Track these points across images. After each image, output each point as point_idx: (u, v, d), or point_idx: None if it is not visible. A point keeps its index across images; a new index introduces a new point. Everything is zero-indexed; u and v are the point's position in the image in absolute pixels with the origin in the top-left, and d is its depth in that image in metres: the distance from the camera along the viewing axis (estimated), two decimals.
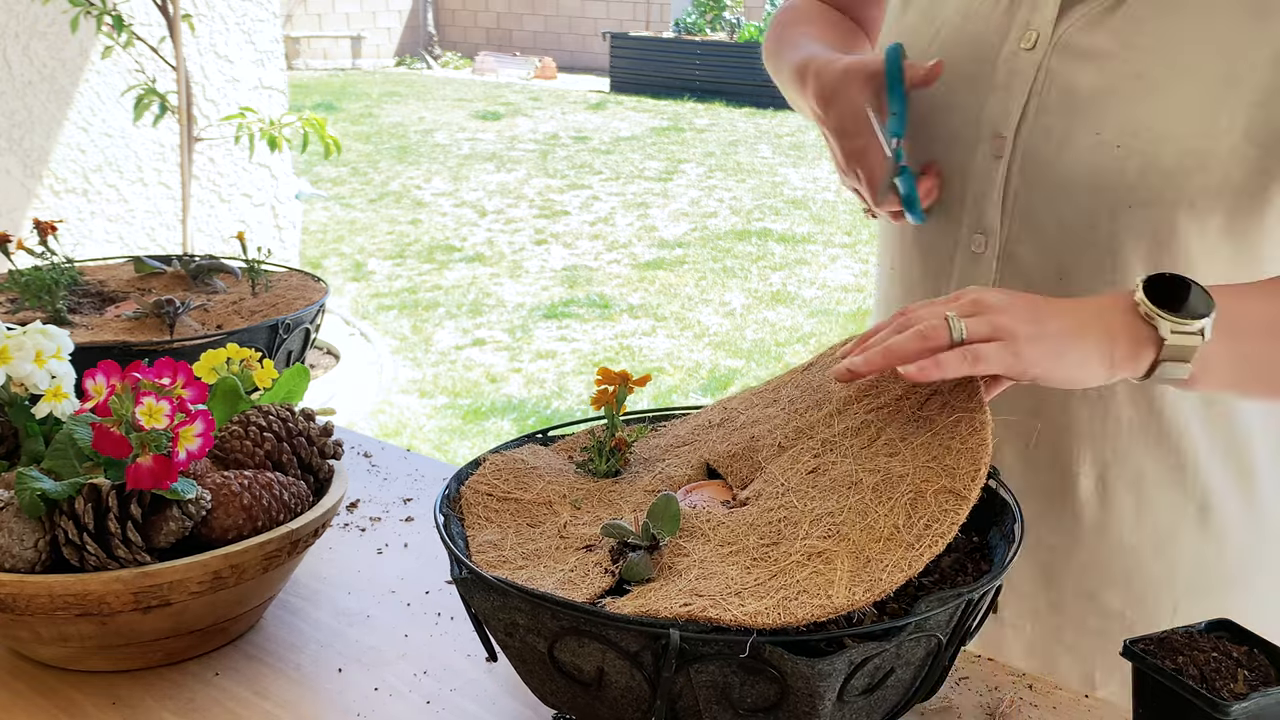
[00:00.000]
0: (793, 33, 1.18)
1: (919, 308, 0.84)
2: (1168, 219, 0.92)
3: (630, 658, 0.68)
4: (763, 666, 0.67)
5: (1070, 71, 0.95)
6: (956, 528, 0.72)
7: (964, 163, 1.01)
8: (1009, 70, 0.98)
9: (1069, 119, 0.95)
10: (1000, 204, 1.00)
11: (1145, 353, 0.82)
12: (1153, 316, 0.82)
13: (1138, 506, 1.02)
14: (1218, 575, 1.05)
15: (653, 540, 0.77)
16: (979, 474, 0.75)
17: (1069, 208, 0.95)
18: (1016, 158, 0.98)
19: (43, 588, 0.85)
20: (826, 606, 0.68)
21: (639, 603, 0.71)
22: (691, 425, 0.99)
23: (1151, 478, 1.01)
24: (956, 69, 1.01)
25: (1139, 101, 0.92)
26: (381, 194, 7.64)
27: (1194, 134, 0.90)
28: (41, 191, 3.21)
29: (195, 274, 1.48)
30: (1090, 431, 1.01)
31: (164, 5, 2.75)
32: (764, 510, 0.81)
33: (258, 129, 2.83)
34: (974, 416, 0.79)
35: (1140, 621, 1.05)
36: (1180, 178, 0.90)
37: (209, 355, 1.08)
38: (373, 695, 0.91)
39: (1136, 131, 0.91)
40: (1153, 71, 0.92)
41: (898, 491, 0.76)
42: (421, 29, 14.71)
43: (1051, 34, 0.97)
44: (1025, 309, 0.82)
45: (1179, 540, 1.03)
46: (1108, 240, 0.95)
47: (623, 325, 5.19)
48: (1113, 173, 0.92)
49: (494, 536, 0.84)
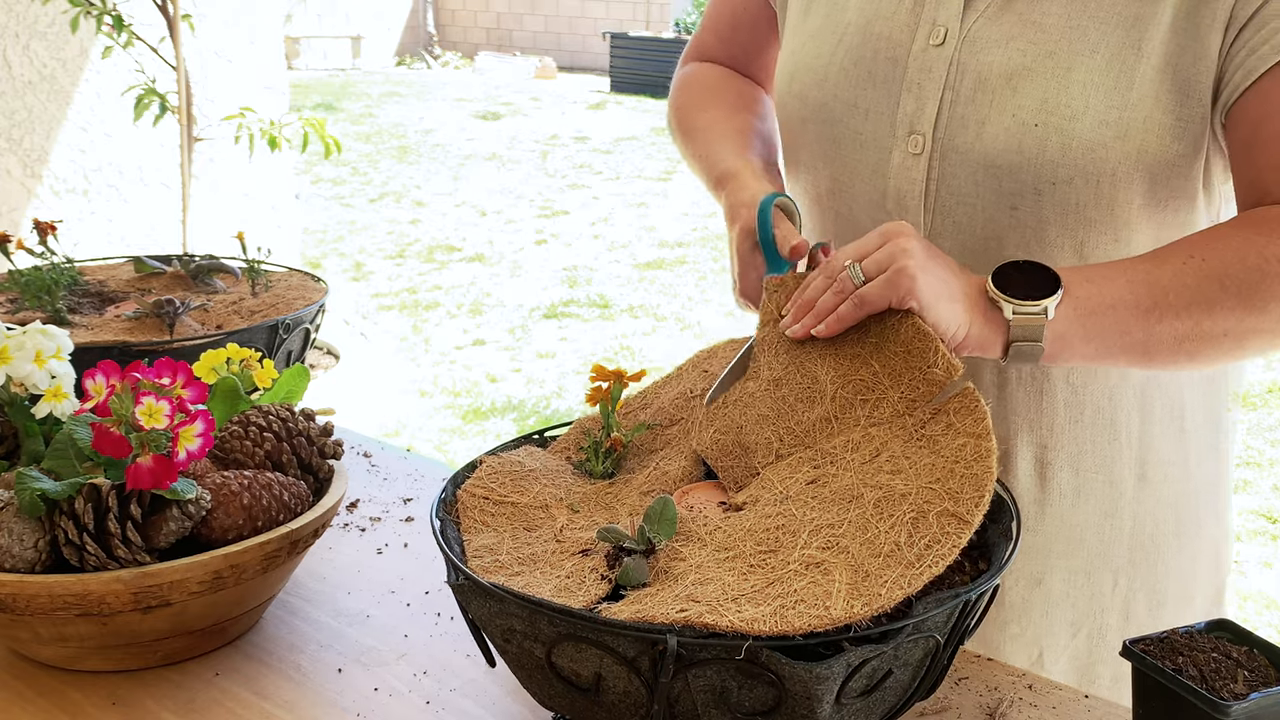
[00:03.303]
0: (696, 119, 1.21)
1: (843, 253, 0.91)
2: (1091, 192, 0.95)
3: (628, 663, 0.68)
4: (760, 670, 0.67)
5: (981, 60, 0.97)
6: (957, 550, 0.72)
7: (881, 163, 1.03)
8: (920, 68, 1.00)
9: (985, 106, 0.97)
10: (922, 200, 1.01)
11: (997, 332, 0.89)
12: (997, 300, 0.88)
13: (1076, 483, 1.05)
14: (1155, 541, 1.08)
15: (649, 544, 0.77)
16: (983, 500, 0.75)
17: (991, 191, 0.98)
18: (936, 151, 1.00)
19: (43, 588, 0.85)
20: (824, 618, 0.68)
21: (636, 608, 0.71)
22: (674, 393, 0.99)
23: (1090, 452, 1.05)
24: (866, 72, 1.03)
25: (1052, 79, 0.94)
26: (381, 194, 7.64)
27: (1107, 105, 0.93)
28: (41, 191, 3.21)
29: (195, 274, 1.48)
30: (1027, 413, 1.04)
31: (164, 5, 2.75)
32: (762, 517, 0.81)
33: (258, 129, 2.82)
34: (980, 443, 0.80)
35: (1084, 601, 1.07)
36: (1099, 150, 0.93)
37: (209, 355, 1.08)
38: (373, 695, 0.91)
39: (1053, 109, 0.94)
40: (1062, 49, 0.94)
41: (899, 509, 0.77)
42: (421, 29, 14.71)
43: (959, 27, 0.99)
44: (924, 251, 0.88)
45: (1119, 510, 1.06)
46: (1033, 221, 0.97)
47: (622, 325, 5.18)
48: (1033, 151, 0.95)
49: (490, 541, 0.83)
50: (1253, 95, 0.90)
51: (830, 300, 0.90)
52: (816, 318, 0.91)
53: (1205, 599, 1.12)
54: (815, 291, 0.92)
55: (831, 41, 1.06)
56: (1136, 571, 1.07)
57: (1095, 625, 1.08)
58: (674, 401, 0.99)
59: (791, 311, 0.93)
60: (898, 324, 0.88)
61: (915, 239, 0.88)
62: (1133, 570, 1.07)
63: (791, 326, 0.92)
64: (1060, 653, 1.08)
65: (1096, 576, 1.07)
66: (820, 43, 1.07)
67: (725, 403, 0.94)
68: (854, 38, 1.04)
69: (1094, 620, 1.08)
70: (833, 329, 0.89)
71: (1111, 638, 1.08)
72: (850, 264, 0.88)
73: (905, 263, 0.86)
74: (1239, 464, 3.74)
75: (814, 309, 0.91)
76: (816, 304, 0.91)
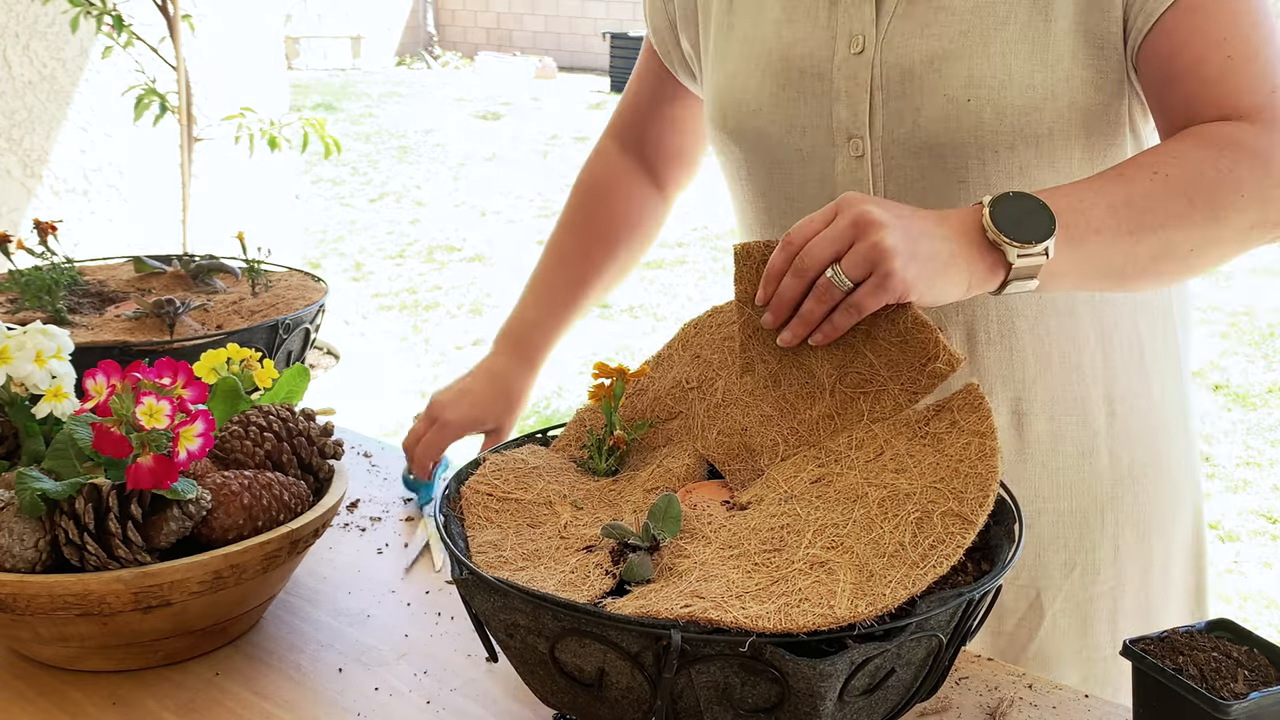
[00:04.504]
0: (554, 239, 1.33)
1: (803, 233, 0.86)
2: (1033, 154, 0.99)
3: (631, 658, 0.68)
4: (764, 667, 0.67)
5: (901, 53, 1.01)
6: (962, 551, 0.73)
7: (827, 173, 1.06)
8: (846, 77, 1.04)
9: (916, 94, 1.00)
10: None
11: (996, 273, 0.88)
12: (1000, 243, 0.86)
13: (1052, 428, 1.08)
14: (1132, 473, 1.11)
15: (653, 541, 0.77)
16: (987, 500, 0.75)
17: (937, 171, 1.01)
18: (877, 149, 1.03)
19: (43, 588, 0.85)
20: (829, 616, 0.68)
21: (640, 603, 0.71)
22: (669, 382, 0.99)
23: (1061, 397, 1.08)
24: (796, 91, 1.06)
25: (973, 55, 0.98)
26: (381, 194, 7.63)
27: (1030, 69, 0.98)
28: (41, 191, 3.21)
29: (195, 274, 1.48)
30: (999, 370, 1.07)
31: (164, 5, 2.75)
32: (766, 515, 0.81)
33: (258, 129, 2.82)
34: (984, 442, 0.79)
35: (1074, 540, 1.10)
36: (1033, 113, 0.98)
37: (209, 355, 1.08)
38: (373, 695, 0.91)
39: (979, 81, 0.98)
40: (974, 27, 0.99)
41: (904, 509, 0.77)
42: (421, 29, 14.71)
43: (875, 32, 1.02)
44: (900, 229, 0.84)
45: (1095, 448, 1.09)
46: (982, 189, 1.00)
47: (622, 325, 5.19)
48: (970, 123, 0.98)
49: (494, 537, 0.84)
50: (1158, 33, 0.95)
51: (817, 309, 0.87)
52: (806, 326, 0.88)
53: (1186, 523, 1.16)
54: (792, 292, 0.88)
55: (756, 74, 1.09)
56: (1120, 505, 1.11)
57: (1088, 561, 1.11)
58: (670, 392, 0.99)
59: (771, 311, 0.90)
60: (893, 314, 0.87)
61: (876, 213, 0.84)
62: (1116, 504, 1.11)
63: (782, 335, 0.90)
64: (1056, 592, 1.11)
65: (1082, 515, 1.10)
66: (743, 78, 1.10)
67: (725, 402, 0.94)
68: (777, 64, 1.08)
69: (1086, 556, 1.11)
70: (829, 338, 0.88)
71: (1105, 571, 1.11)
72: (832, 271, 0.84)
73: (890, 265, 0.82)
74: (1239, 464, 3.74)
75: (800, 316, 0.88)
76: (801, 311, 0.88)
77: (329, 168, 8.09)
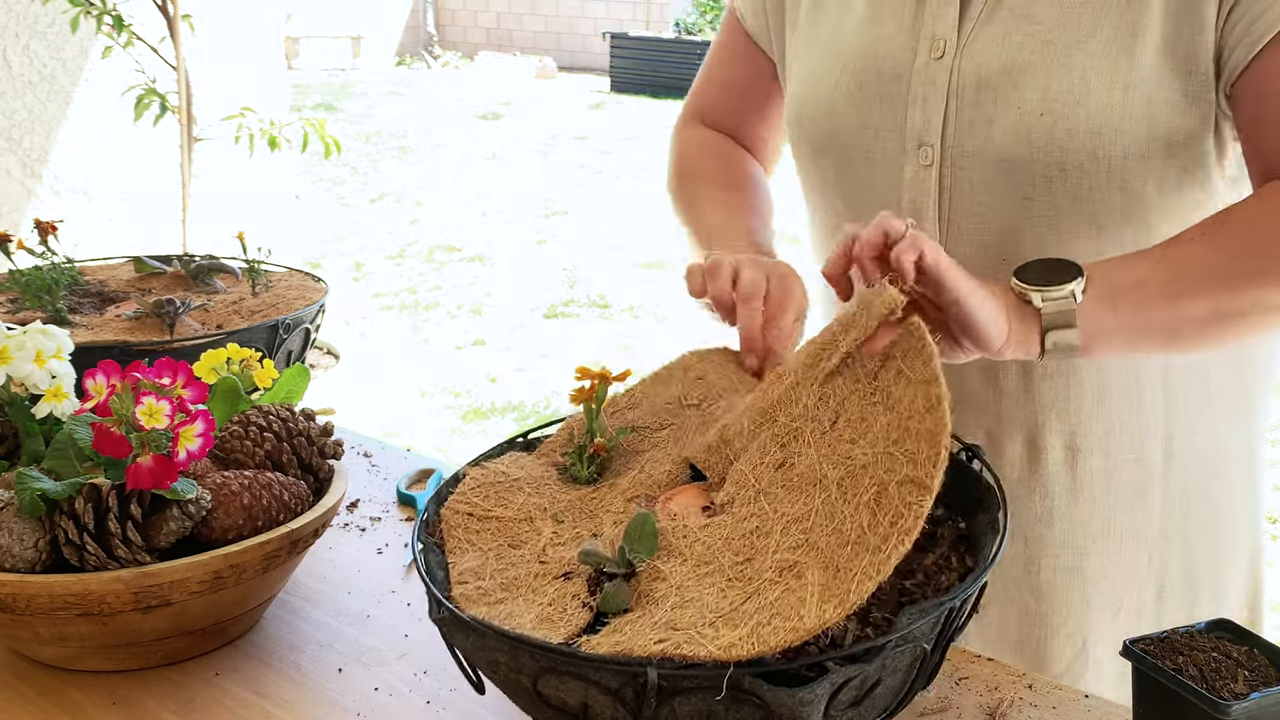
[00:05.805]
0: (694, 192, 1.23)
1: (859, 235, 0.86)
2: (1102, 175, 0.95)
3: (612, 694, 0.68)
4: (745, 696, 0.67)
5: (981, 63, 0.98)
6: (921, 521, 0.71)
7: (895, 179, 1.04)
8: (924, 82, 1.02)
9: (989, 105, 0.98)
10: (936, 209, 1.02)
11: (1031, 325, 0.88)
12: (1025, 292, 0.87)
13: (1107, 465, 1.06)
14: (1185, 516, 1.08)
15: (629, 567, 0.77)
16: (939, 458, 0.72)
17: (1004, 186, 0.98)
18: (946, 160, 1.01)
19: (43, 588, 0.85)
20: (799, 630, 0.67)
21: (615, 639, 0.71)
22: (666, 397, 0.99)
23: (1118, 433, 1.05)
24: (873, 93, 1.04)
25: (1052, 68, 0.95)
26: (381, 194, 7.63)
27: (1109, 87, 0.93)
28: (41, 191, 3.21)
29: (195, 274, 1.48)
30: (1055, 403, 1.05)
31: (164, 5, 2.75)
32: (738, 520, 0.81)
33: (258, 129, 2.82)
34: (929, 390, 0.76)
35: (1121, 581, 1.08)
36: (1106, 132, 0.94)
37: (209, 355, 1.08)
38: (373, 695, 0.91)
39: (1056, 95, 0.95)
40: (1058, 38, 0.95)
41: (861, 486, 0.76)
42: (421, 29, 14.71)
43: (957, 38, 1.00)
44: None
45: (1149, 488, 1.07)
46: (1047, 209, 0.98)
47: (622, 325, 5.18)
48: (1041, 140, 0.95)
49: (474, 563, 0.83)
50: (1256, 70, 0.91)
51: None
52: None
53: (1241, 571, 1.13)
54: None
55: (835, 71, 1.07)
56: (1170, 546, 1.08)
57: (1132, 602, 1.09)
58: (665, 406, 0.98)
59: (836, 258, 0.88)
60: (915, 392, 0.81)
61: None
62: (1165, 545, 1.08)
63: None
64: (1100, 636, 1.09)
65: (1130, 556, 1.08)
66: (824, 76, 1.09)
67: (721, 418, 0.94)
68: (857, 63, 1.06)
69: (1131, 597, 1.08)
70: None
71: (1147, 614, 1.09)
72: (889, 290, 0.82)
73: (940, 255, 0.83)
74: None
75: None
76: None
77: (329, 168, 8.08)
